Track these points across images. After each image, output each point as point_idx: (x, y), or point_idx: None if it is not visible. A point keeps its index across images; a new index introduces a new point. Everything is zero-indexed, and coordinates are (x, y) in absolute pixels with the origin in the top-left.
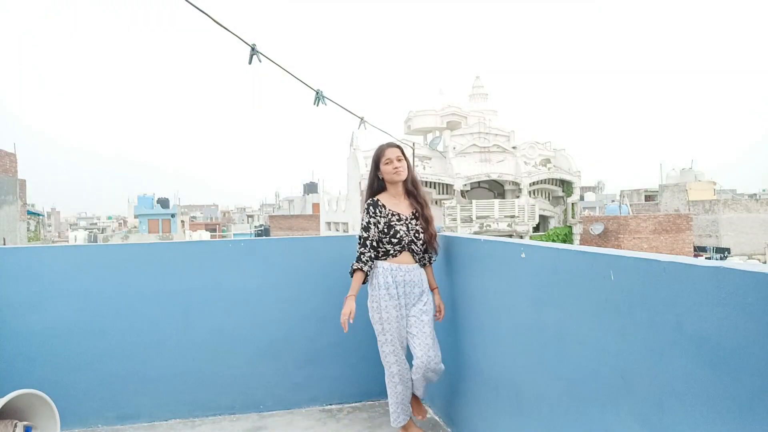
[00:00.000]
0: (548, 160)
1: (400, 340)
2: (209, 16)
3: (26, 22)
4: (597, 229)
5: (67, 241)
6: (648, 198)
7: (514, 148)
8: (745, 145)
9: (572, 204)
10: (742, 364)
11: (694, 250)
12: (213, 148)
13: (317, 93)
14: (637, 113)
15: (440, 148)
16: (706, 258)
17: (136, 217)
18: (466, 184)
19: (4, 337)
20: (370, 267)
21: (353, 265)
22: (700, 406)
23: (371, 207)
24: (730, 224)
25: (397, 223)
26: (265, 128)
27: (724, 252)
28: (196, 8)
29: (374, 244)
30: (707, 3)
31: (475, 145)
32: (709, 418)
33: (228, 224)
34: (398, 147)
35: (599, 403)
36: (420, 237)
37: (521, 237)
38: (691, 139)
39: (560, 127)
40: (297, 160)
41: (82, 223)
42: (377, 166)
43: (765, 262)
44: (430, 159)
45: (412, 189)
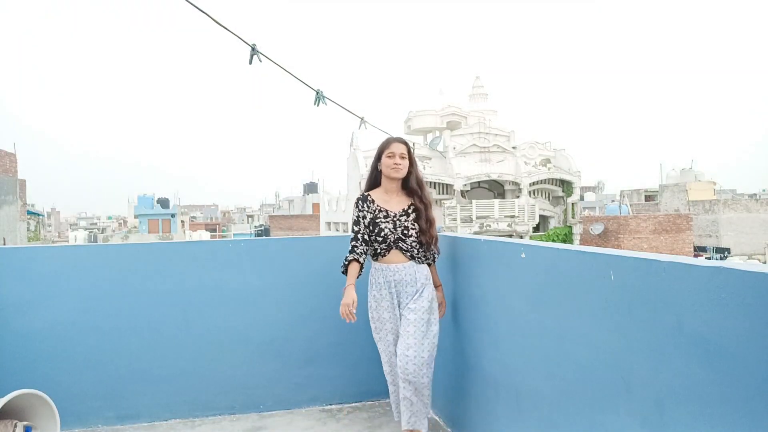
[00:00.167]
0: (548, 160)
1: (394, 341)
2: (209, 16)
3: (26, 22)
4: (597, 229)
5: (67, 241)
6: (648, 198)
7: (514, 148)
8: (745, 145)
9: (572, 204)
10: (742, 364)
11: (694, 250)
12: (213, 148)
13: (317, 93)
14: (637, 113)
15: (440, 148)
16: (706, 258)
17: (136, 217)
18: (466, 184)
19: (4, 337)
20: (365, 259)
21: (346, 258)
22: (700, 406)
23: (359, 201)
24: (730, 224)
25: (383, 220)
26: (265, 128)
27: (724, 252)
28: (196, 8)
29: (366, 238)
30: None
31: (475, 145)
32: (709, 418)
33: (228, 224)
34: (405, 144)
35: (599, 403)
36: (410, 234)
37: (521, 237)
38: (691, 139)
39: (560, 127)
40: (297, 160)
41: (82, 223)
42: (379, 157)
43: (765, 262)
44: (430, 159)
45: (416, 188)
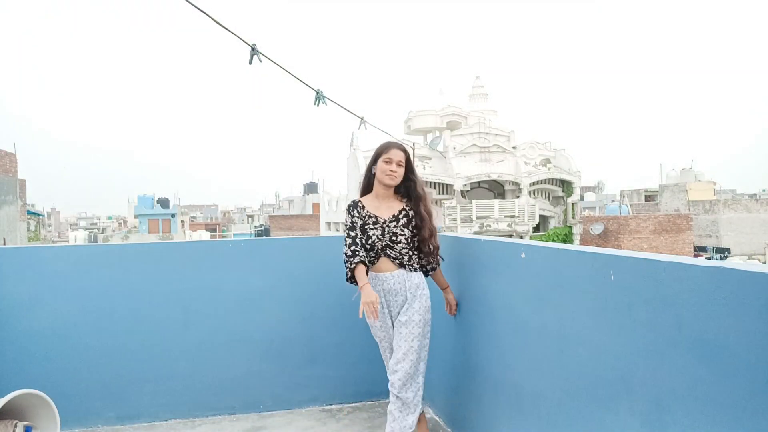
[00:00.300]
0: (548, 160)
1: (389, 348)
2: (209, 16)
3: (26, 22)
4: (597, 229)
5: (67, 241)
6: (648, 198)
7: (514, 148)
8: (745, 145)
9: (572, 204)
10: (742, 364)
11: (694, 250)
12: (213, 148)
13: (317, 93)
14: (637, 113)
15: (440, 148)
16: (706, 258)
17: (136, 217)
18: (466, 184)
19: (4, 337)
20: (364, 257)
21: (349, 265)
22: (700, 406)
23: (350, 208)
24: (730, 224)
25: (372, 226)
26: (265, 128)
27: (724, 252)
28: (196, 8)
29: (357, 241)
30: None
31: (475, 145)
32: (709, 417)
33: (228, 224)
34: (405, 152)
35: (599, 403)
36: (398, 240)
37: (521, 237)
38: (691, 139)
39: (560, 127)
40: (297, 160)
41: (82, 223)
42: (375, 160)
43: (765, 262)
44: (430, 159)
45: (421, 193)
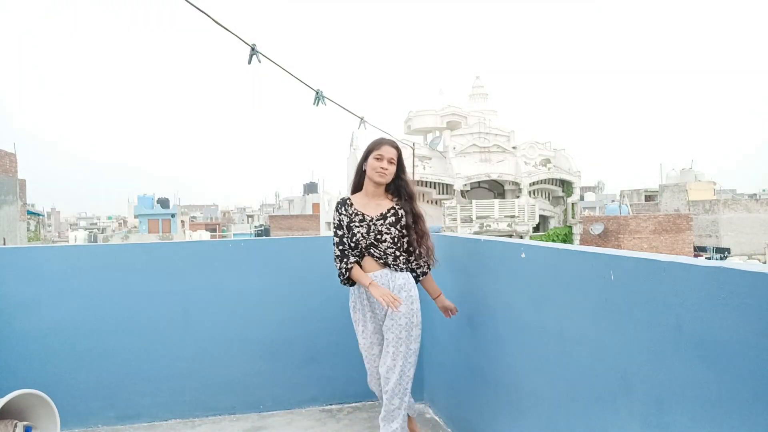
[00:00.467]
0: (548, 160)
1: (371, 347)
2: (209, 16)
3: (26, 22)
4: (597, 229)
5: (67, 241)
6: (648, 198)
7: (514, 148)
8: (745, 146)
9: (572, 204)
10: (742, 364)
11: (694, 250)
12: (213, 148)
13: (317, 93)
14: (637, 113)
15: (440, 148)
16: (706, 258)
17: (136, 217)
18: (466, 184)
19: (4, 337)
20: (357, 259)
21: (346, 266)
22: (700, 406)
23: (338, 206)
24: (730, 224)
25: (357, 224)
26: (265, 128)
27: (724, 252)
28: (196, 8)
29: (345, 241)
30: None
31: (475, 145)
32: (709, 418)
33: (228, 224)
34: (397, 149)
35: (599, 403)
36: (383, 239)
37: (521, 237)
38: (691, 139)
39: (560, 127)
40: (297, 160)
41: (82, 223)
42: (366, 157)
43: (765, 262)
44: (430, 159)
45: (407, 198)
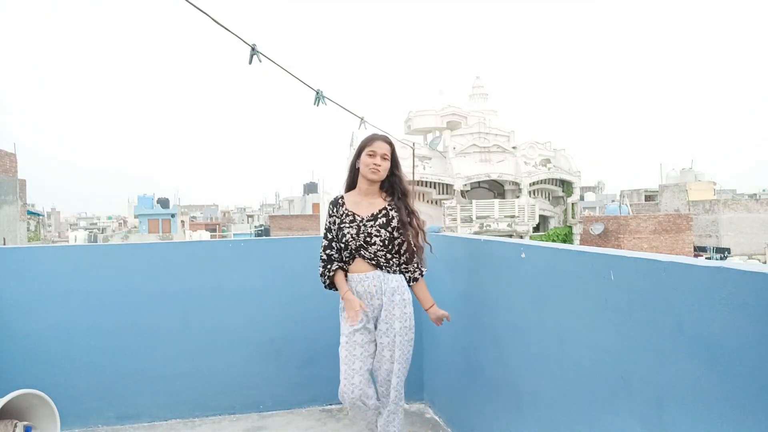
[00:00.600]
0: (548, 160)
1: (355, 347)
2: (209, 16)
3: (26, 22)
4: (597, 229)
5: (67, 241)
6: (648, 198)
7: (514, 148)
8: (745, 145)
9: (572, 204)
10: (742, 364)
11: (694, 250)
12: (213, 148)
13: (317, 93)
14: (637, 113)
15: (440, 148)
16: (706, 258)
17: (136, 217)
18: (466, 184)
19: (4, 337)
20: (340, 262)
21: (328, 273)
22: (700, 406)
23: (330, 205)
24: (730, 224)
25: (348, 225)
26: (265, 128)
27: (724, 252)
28: (196, 8)
29: (333, 245)
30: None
31: (475, 145)
32: (709, 418)
33: (228, 224)
34: (390, 144)
35: (599, 403)
36: (373, 242)
37: (521, 237)
38: (691, 139)
39: (560, 127)
40: (297, 160)
41: (82, 223)
42: (359, 155)
43: (765, 262)
44: (430, 159)
45: (406, 188)
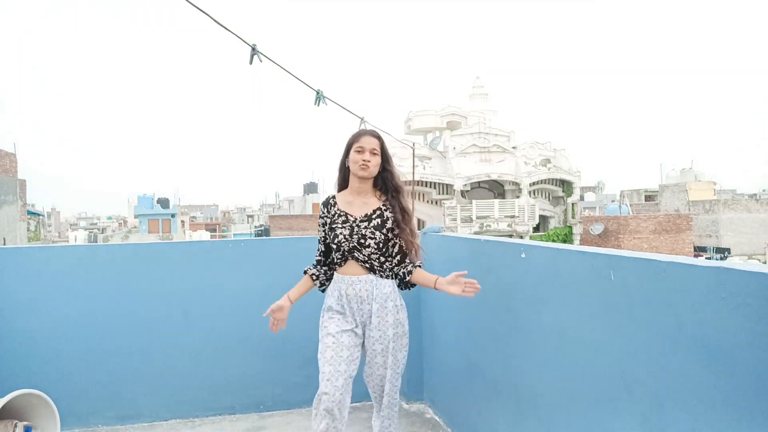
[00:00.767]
0: (548, 160)
1: (342, 349)
2: (209, 16)
3: (26, 22)
4: (597, 229)
5: (67, 241)
6: (648, 198)
7: (514, 148)
8: (745, 145)
9: (572, 204)
10: (742, 364)
11: (695, 250)
12: (213, 148)
13: (317, 93)
14: (637, 113)
15: (440, 148)
16: (706, 258)
17: (136, 217)
18: (466, 184)
19: (4, 337)
20: (319, 272)
21: (308, 271)
22: (700, 406)
23: (322, 206)
24: (730, 224)
25: (340, 225)
26: (265, 128)
27: (724, 252)
28: (196, 8)
29: (323, 248)
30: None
31: (475, 145)
32: (709, 418)
33: (228, 224)
34: (378, 138)
35: (599, 403)
36: (367, 244)
37: (521, 237)
38: (691, 139)
39: (560, 127)
40: (297, 160)
41: (82, 223)
42: (348, 153)
43: (765, 262)
44: (430, 159)
45: (393, 193)
